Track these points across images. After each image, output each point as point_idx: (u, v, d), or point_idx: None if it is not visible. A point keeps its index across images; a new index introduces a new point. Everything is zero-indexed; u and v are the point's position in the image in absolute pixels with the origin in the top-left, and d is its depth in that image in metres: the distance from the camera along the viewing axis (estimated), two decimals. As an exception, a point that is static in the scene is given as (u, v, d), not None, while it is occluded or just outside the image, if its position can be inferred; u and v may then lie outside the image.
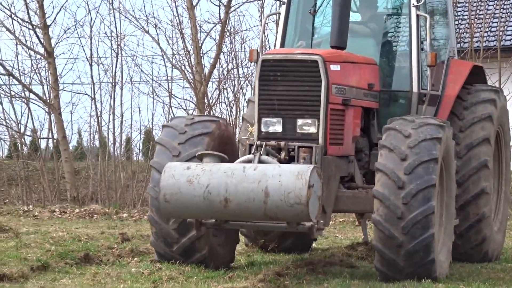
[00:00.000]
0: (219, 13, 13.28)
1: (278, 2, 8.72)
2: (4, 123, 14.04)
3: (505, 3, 16.93)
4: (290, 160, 6.87)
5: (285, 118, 7.19)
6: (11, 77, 13.63)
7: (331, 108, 7.01)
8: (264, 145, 6.88)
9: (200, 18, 13.31)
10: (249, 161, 6.78)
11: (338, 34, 7.37)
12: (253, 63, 9.19)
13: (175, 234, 7.25)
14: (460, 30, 13.73)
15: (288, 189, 6.20)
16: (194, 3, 13.00)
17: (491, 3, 15.14)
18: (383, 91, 8.05)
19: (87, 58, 13.95)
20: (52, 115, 13.79)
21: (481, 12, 14.68)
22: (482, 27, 14.05)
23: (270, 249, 9.01)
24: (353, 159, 7.64)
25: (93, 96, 13.76)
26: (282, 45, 8.39)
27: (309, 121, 7.15)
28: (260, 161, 6.67)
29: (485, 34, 14.18)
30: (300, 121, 7.14)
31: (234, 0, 13.09)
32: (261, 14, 13.46)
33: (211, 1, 13.23)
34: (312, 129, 7.07)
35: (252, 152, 6.89)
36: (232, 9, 13.31)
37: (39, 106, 14.16)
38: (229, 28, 13.48)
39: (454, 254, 7.72)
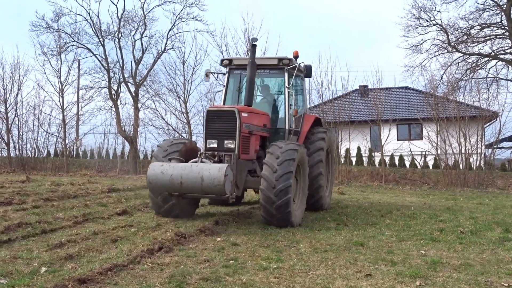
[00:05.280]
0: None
1: (223, 86, 10.87)
2: (171, 145, 27.82)
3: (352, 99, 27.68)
4: (220, 161, 8.58)
5: (219, 140, 8.90)
6: (174, 131, 27.20)
7: (242, 135, 8.87)
8: (204, 153, 8.72)
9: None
10: (196, 162, 8.46)
11: (248, 99, 9.66)
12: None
13: (161, 203, 9.18)
14: (335, 112, 22.66)
15: (214, 176, 7.73)
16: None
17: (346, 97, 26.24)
18: (272, 128, 10.31)
19: (202, 124, 24.79)
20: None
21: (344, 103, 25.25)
22: (343, 110, 24.49)
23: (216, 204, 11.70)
24: (255, 161, 9.54)
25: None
26: (224, 104, 10.57)
27: (231, 141, 8.81)
28: (201, 161, 8.44)
29: (345, 114, 24.50)
30: (226, 141, 8.85)
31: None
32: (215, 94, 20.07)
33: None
34: (232, 146, 8.78)
35: (198, 157, 8.76)
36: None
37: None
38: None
39: (306, 207, 9.68)
